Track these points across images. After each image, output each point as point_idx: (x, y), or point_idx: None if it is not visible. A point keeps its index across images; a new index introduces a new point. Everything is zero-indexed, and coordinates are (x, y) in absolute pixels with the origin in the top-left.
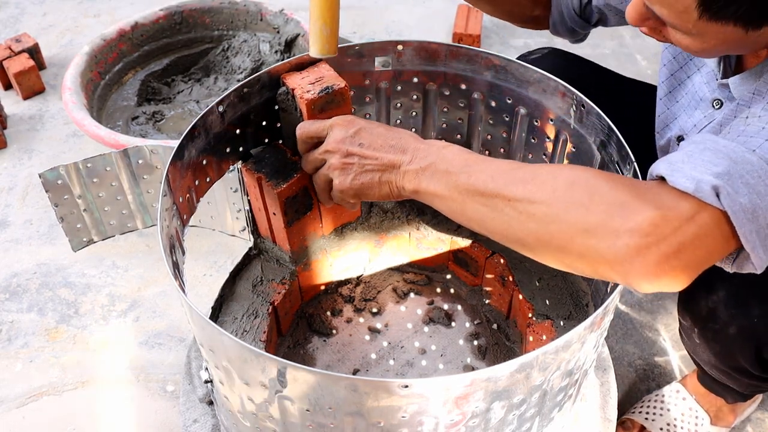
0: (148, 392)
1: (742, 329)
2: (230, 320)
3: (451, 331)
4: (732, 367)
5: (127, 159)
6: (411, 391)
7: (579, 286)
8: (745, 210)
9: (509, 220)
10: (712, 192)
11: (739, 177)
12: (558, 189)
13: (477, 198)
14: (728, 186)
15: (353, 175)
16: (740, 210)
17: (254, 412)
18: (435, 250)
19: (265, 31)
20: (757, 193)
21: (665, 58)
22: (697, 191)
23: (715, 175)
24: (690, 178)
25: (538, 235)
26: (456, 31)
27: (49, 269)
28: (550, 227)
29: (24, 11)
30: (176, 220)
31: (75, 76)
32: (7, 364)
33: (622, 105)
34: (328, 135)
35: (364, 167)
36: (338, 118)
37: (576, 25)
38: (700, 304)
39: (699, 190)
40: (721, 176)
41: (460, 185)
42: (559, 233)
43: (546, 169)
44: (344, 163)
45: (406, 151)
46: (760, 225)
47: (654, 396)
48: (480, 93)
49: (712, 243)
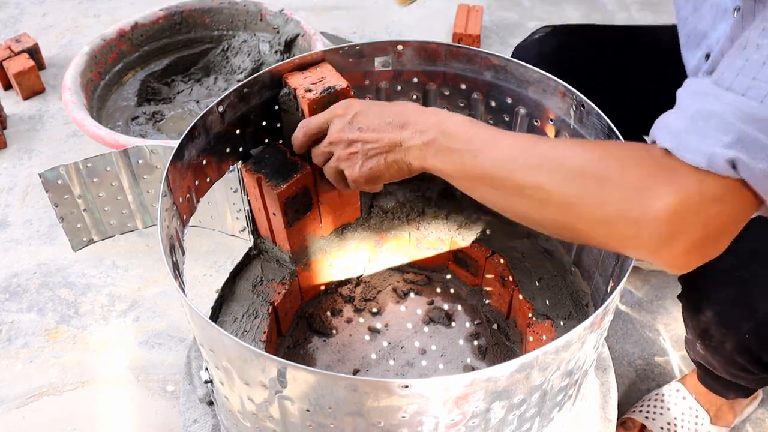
0: (148, 392)
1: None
2: (230, 320)
3: (451, 331)
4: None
5: (127, 159)
6: (411, 391)
7: (579, 286)
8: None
9: (524, 207)
10: (728, 165)
11: (753, 141)
12: (568, 177)
13: (487, 182)
14: (743, 155)
15: (360, 163)
16: (761, 176)
17: (254, 412)
18: (435, 250)
19: (265, 31)
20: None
21: None
22: (712, 166)
23: (727, 145)
24: (701, 153)
25: (557, 224)
26: (456, 31)
27: (49, 269)
28: (568, 218)
29: (24, 11)
30: (176, 220)
31: (75, 76)
32: (7, 364)
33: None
34: (329, 127)
35: (368, 152)
36: (335, 106)
37: None
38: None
39: (713, 165)
40: (734, 146)
41: (466, 167)
42: (579, 223)
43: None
44: (349, 153)
45: (406, 125)
46: None
47: (654, 395)
48: (480, 93)
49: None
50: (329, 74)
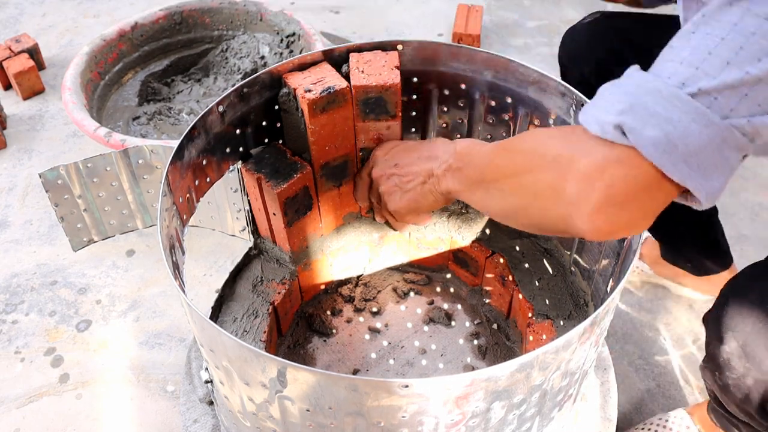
0: (148, 392)
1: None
2: (230, 320)
3: (451, 330)
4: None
5: (127, 159)
6: (411, 391)
7: (579, 285)
8: (656, 142)
9: (495, 200)
10: (617, 131)
11: (644, 109)
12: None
13: (478, 186)
14: (631, 120)
15: (399, 195)
16: (650, 143)
17: (254, 412)
18: (435, 250)
19: (265, 32)
20: (668, 121)
21: None
22: (604, 134)
23: (618, 112)
24: (596, 120)
25: (514, 208)
26: (456, 31)
27: (49, 269)
28: (515, 199)
29: (24, 12)
30: (176, 220)
31: (75, 76)
32: (7, 364)
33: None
34: (372, 169)
35: (406, 184)
36: (377, 148)
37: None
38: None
39: (605, 132)
40: (624, 113)
41: (468, 178)
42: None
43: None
44: (389, 187)
45: (436, 157)
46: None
47: (657, 419)
48: (480, 93)
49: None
50: (329, 74)
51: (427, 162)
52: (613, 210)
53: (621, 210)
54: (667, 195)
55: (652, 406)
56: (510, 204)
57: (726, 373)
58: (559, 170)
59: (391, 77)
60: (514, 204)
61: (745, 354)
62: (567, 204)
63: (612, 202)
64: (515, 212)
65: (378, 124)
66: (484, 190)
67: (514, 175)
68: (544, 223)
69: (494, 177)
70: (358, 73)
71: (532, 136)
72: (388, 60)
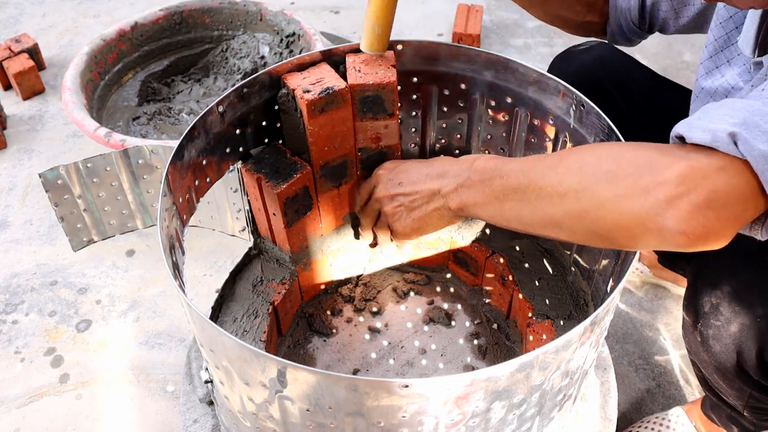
0: (148, 392)
1: (743, 327)
2: (230, 320)
3: (451, 330)
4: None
5: (127, 159)
6: (411, 391)
7: (579, 285)
8: (765, 156)
9: (544, 208)
10: (729, 140)
11: (756, 126)
12: (585, 165)
13: (512, 196)
14: (745, 133)
15: (405, 215)
16: (760, 156)
17: (254, 412)
18: (435, 249)
19: (265, 32)
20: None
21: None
22: (714, 141)
23: (732, 125)
24: (706, 130)
25: (572, 214)
26: (456, 31)
27: (49, 269)
28: (582, 203)
29: (24, 12)
30: (176, 220)
31: (75, 76)
32: (7, 364)
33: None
34: (374, 187)
35: (411, 204)
36: (379, 168)
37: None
38: (704, 298)
39: (716, 140)
40: (738, 125)
41: (495, 189)
42: (592, 205)
43: (572, 151)
44: (393, 207)
45: (444, 175)
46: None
47: (655, 417)
48: (480, 93)
49: (742, 193)
50: (328, 75)
51: (434, 180)
52: (712, 213)
53: (718, 214)
54: (755, 211)
55: (651, 405)
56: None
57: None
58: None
59: (388, 75)
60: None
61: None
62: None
63: (712, 206)
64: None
65: (376, 123)
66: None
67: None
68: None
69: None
70: (354, 72)
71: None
72: (384, 59)
